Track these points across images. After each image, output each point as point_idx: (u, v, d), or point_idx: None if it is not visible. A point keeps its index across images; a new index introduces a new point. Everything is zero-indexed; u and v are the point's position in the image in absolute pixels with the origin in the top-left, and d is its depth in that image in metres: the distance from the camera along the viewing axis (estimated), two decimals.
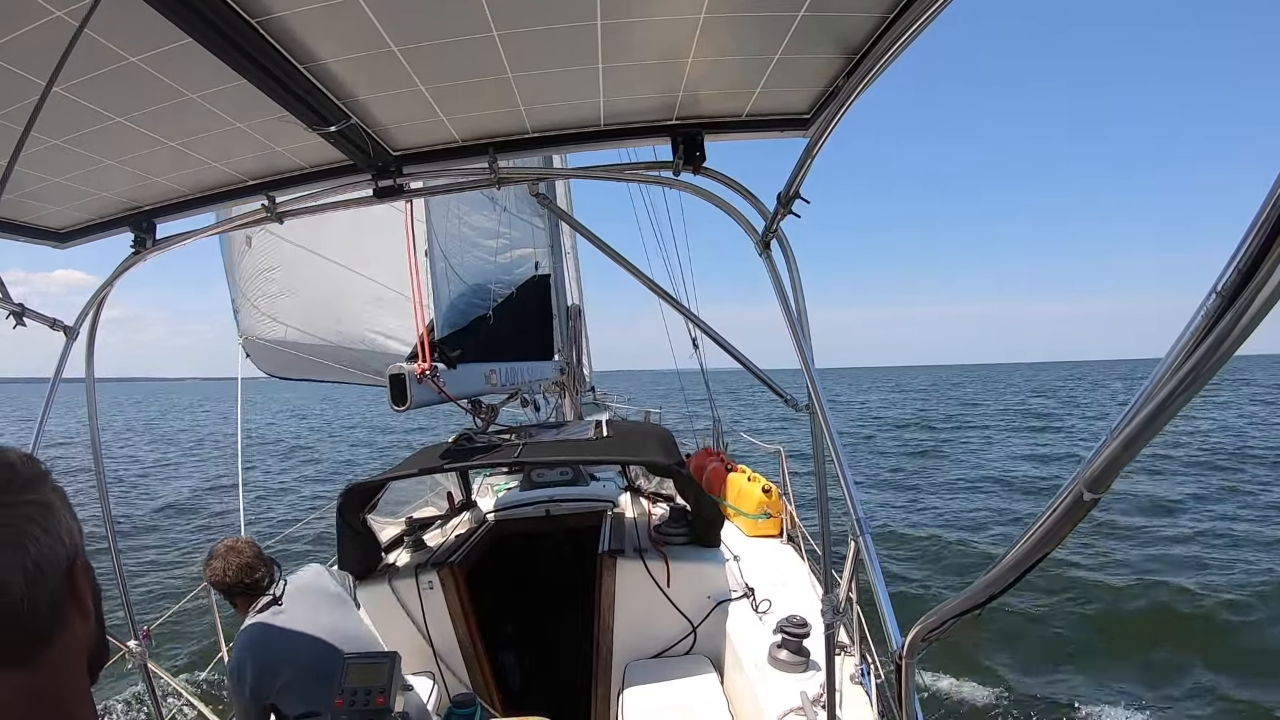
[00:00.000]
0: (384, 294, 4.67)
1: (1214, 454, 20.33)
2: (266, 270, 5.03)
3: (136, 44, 1.32)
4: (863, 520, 1.73)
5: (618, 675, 3.44)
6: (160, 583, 8.61)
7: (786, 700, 2.71)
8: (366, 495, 3.53)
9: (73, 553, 0.64)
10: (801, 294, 2.07)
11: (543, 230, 6.81)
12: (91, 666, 0.69)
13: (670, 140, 1.98)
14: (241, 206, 2.31)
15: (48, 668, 0.60)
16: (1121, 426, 0.77)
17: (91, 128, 1.67)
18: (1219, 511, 13.45)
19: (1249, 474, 17.34)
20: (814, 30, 1.45)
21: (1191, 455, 20.04)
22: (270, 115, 1.66)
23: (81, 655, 0.66)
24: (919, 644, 1.29)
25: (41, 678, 0.60)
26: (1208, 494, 14.96)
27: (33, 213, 2.21)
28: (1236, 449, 21.40)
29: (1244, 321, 0.63)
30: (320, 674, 2.46)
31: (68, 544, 0.64)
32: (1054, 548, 0.92)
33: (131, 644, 2.83)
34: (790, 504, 4.74)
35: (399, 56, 1.47)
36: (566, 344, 6.97)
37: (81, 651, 0.66)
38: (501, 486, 6.01)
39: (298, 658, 2.48)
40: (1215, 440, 23.26)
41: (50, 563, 0.61)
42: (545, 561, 5.09)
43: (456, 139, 1.98)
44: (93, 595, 0.68)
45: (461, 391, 3.91)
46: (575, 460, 4.65)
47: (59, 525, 0.63)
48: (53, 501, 0.63)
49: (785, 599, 3.46)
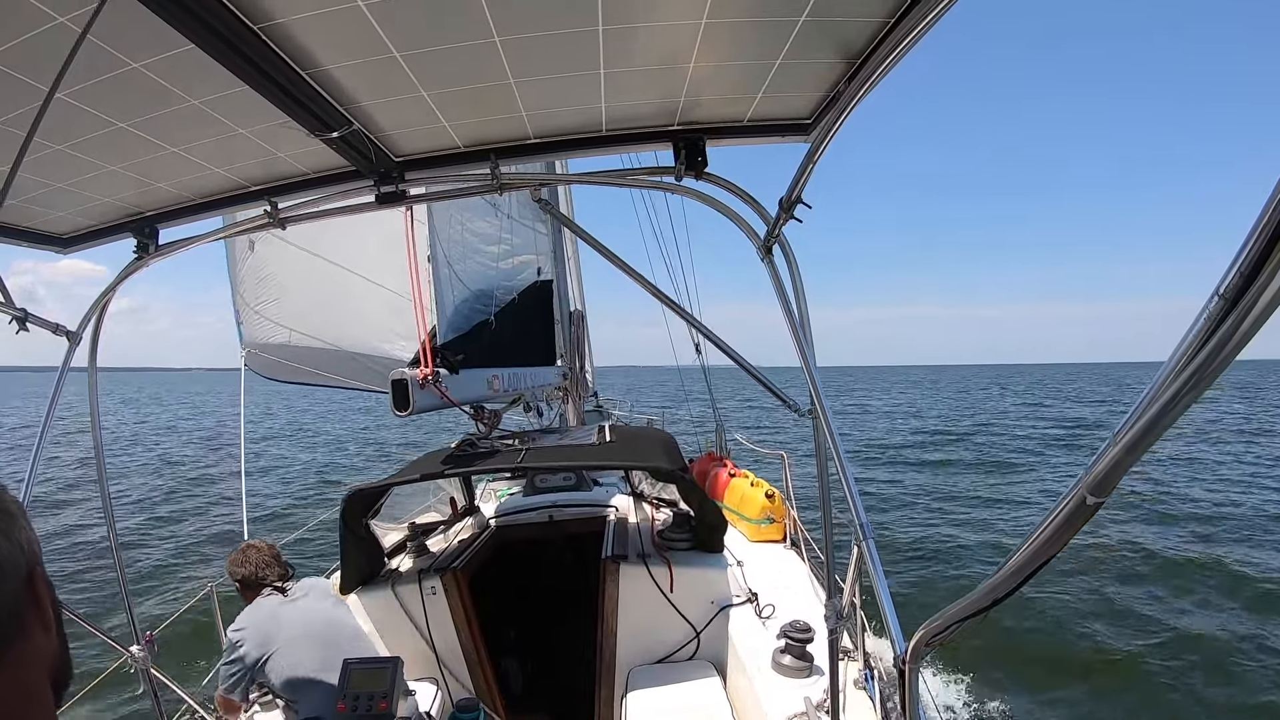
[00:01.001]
0: (392, 300, 4.67)
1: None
2: (269, 275, 5.04)
3: (139, 50, 1.33)
4: (866, 525, 1.72)
5: (621, 680, 3.43)
6: (169, 587, 8.61)
7: (790, 705, 2.71)
8: (369, 501, 3.53)
9: (33, 560, 0.62)
10: (804, 298, 2.07)
11: (545, 236, 6.81)
12: (56, 685, 0.65)
13: (672, 145, 1.98)
14: (244, 212, 2.31)
15: (6, 674, 0.57)
16: (1124, 430, 0.76)
17: (94, 133, 1.67)
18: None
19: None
20: (815, 36, 1.45)
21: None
22: (272, 121, 1.67)
23: (43, 669, 0.63)
24: (923, 649, 1.29)
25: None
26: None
27: (35, 218, 2.22)
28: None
29: (1246, 324, 0.63)
30: (313, 641, 2.73)
31: (27, 552, 0.61)
32: (1057, 552, 0.92)
33: (134, 649, 2.83)
34: (793, 509, 4.73)
35: (401, 62, 1.47)
36: (569, 349, 6.96)
37: (43, 665, 0.63)
38: (504, 492, 6.00)
39: (293, 629, 2.75)
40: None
41: (11, 565, 0.58)
42: (548, 567, 5.08)
43: (458, 145, 1.99)
44: (54, 608, 0.65)
45: (464, 397, 3.90)
46: (578, 465, 4.65)
47: (19, 533, 0.61)
48: (12, 509, 0.61)
49: (789, 604, 3.45)
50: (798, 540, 4.48)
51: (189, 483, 16.49)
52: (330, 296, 5.00)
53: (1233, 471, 18.67)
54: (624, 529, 4.11)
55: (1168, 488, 16.20)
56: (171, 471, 17.75)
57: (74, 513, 10.96)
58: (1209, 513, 13.85)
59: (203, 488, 15.40)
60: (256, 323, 5.21)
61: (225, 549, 8.87)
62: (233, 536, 10.55)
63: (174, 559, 9.79)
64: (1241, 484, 16.95)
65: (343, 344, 5.12)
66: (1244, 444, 24.26)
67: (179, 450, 21.37)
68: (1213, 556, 10.89)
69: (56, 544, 9.41)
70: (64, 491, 12.11)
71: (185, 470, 17.47)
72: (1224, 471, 18.68)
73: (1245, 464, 19.94)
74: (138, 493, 14.30)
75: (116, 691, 5.69)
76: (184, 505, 13.79)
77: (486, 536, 4.28)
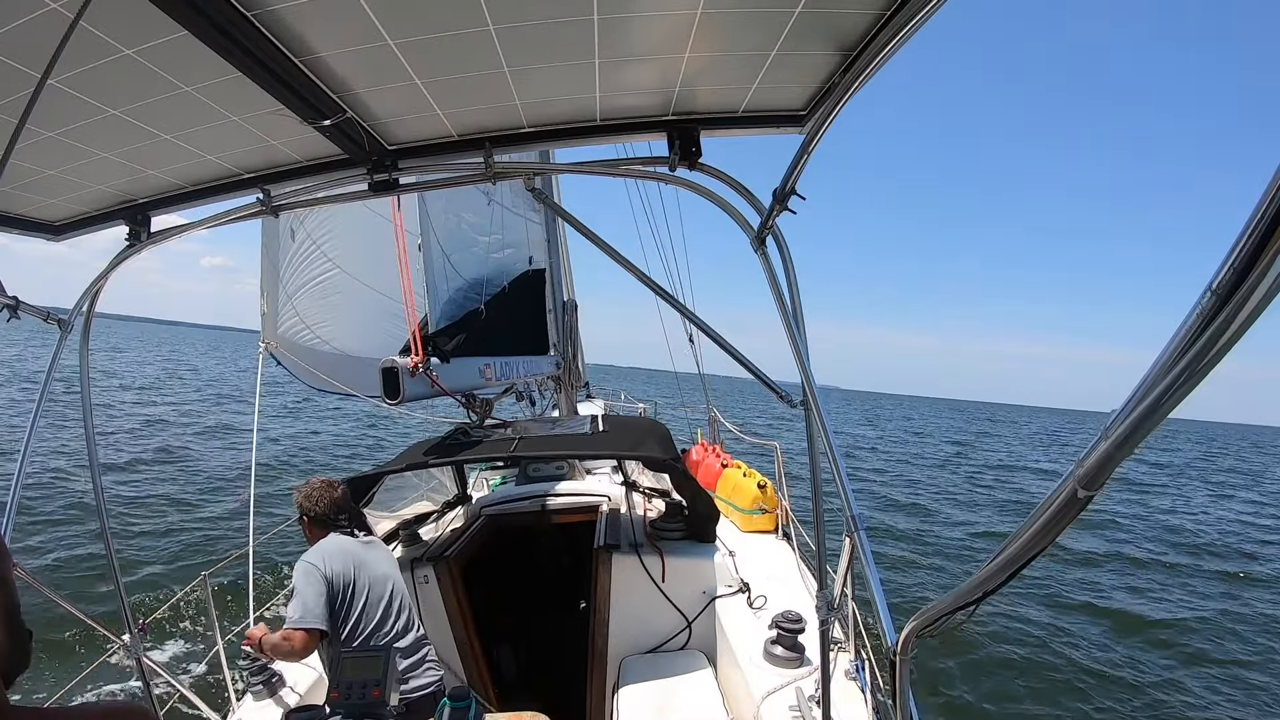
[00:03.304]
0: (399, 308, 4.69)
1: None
2: (312, 281, 5.05)
3: (131, 37, 1.31)
4: (857, 516, 1.73)
5: (613, 669, 3.44)
6: (162, 572, 8.58)
7: (781, 696, 2.72)
8: (362, 489, 3.52)
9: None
10: (797, 290, 2.07)
11: (538, 225, 6.80)
12: (5, 675, 0.72)
13: (666, 135, 1.98)
14: (237, 199, 2.30)
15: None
16: (1115, 424, 0.77)
17: (86, 120, 1.66)
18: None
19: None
20: (810, 27, 1.45)
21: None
22: (265, 109, 1.66)
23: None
24: (913, 640, 1.29)
25: None
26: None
27: (27, 205, 2.20)
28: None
29: (1239, 320, 0.63)
30: (380, 595, 2.72)
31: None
32: (1047, 545, 0.92)
33: (125, 638, 2.82)
34: (785, 499, 4.76)
35: (395, 50, 1.47)
36: (562, 339, 6.95)
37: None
38: (497, 481, 6.00)
39: (368, 572, 2.73)
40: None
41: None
42: (541, 556, 5.09)
43: (452, 133, 1.98)
44: (5, 608, 0.72)
45: (456, 385, 3.90)
46: (571, 455, 4.65)
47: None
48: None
49: (780, 594, 3.47)
50: (790, 531, 4.50)
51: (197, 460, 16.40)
52: (368, 307, 5.04)
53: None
54: (616, 519, 4.12)
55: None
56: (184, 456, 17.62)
57: (71, 497, 10.91)
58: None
59: (208, 469, 15.30)
60: (292, 322, 5.18)
61: (225, 547, 8.84)
62: (237, 533, 10.49)
63: (172, 546, 9.76)
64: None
65: (364, 354, 5.11)
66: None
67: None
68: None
69: (50, 532, 9.37)
70: (65, 477, 12.05)
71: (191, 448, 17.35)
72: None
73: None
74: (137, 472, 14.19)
75: (106, 675, 5.68)
76: (190, 484, 13.67)
77: (479, 526, 4.28)
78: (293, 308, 5.12)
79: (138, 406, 24.26)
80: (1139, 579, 11.12)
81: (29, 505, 10.07)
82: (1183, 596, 10.36)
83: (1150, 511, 18.27)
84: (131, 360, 53.00)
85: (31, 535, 9.17)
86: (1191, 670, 7.63)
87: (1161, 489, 24.20)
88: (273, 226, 4.92)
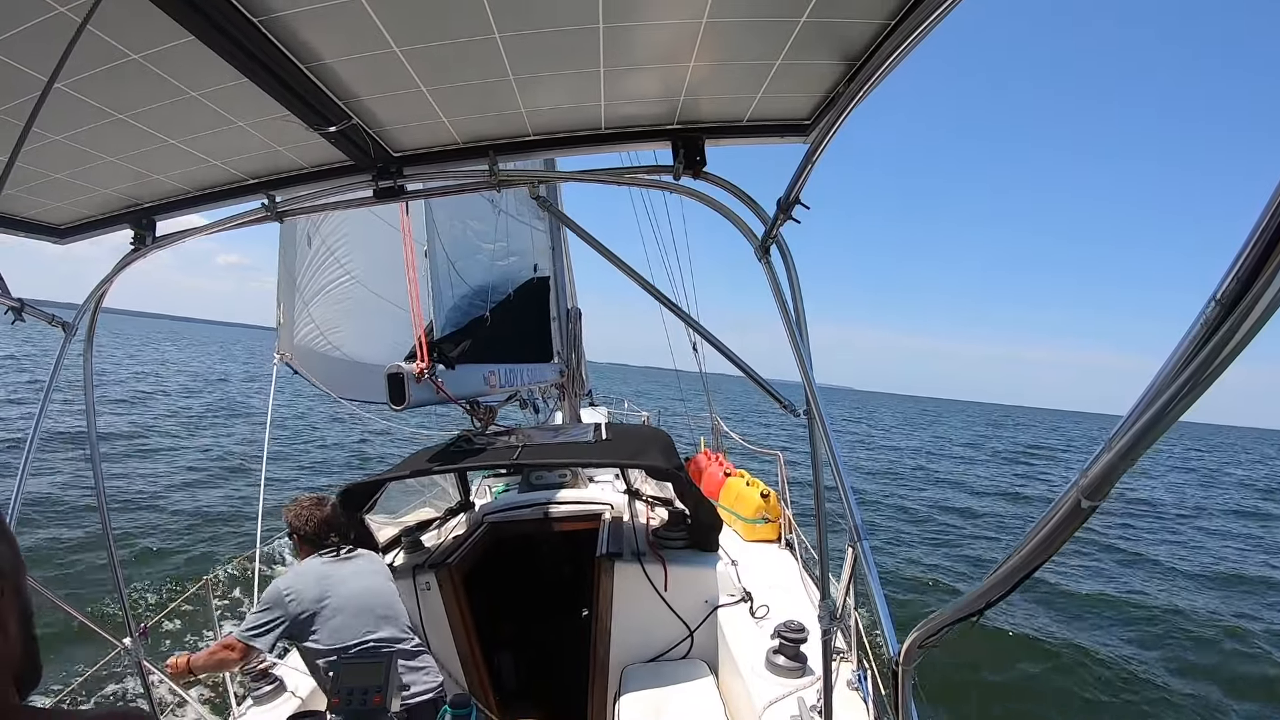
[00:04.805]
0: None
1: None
2: (326, 287, 5.07)
3: (139, 41, 1.32)
4: (860, 526, 1.72)
5: (614, 678, 3.43)
6: (164, 577, 8.59)
7: (783, 705, 2.71)
8: (364, 495, 3.52)
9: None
10: (800, 300, 2.07)
11: (542, 233, 6.81)
12: (19, 684, 0.71)
13: (671, 144, 1.98)
14: (241, 205, 2.31)
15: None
16: (1119, 434, 0.76)
17: (93, 124, 1.67)
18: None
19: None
20: (815, 37, 1.45)
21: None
22: (271, 114, 1.66)
23: (4, 671, 0.68)
24: (916, 651, 1.28)
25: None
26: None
27: (33, 208, 2.21)
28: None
29: (1243, 329, 0.63)
30: (354, 611, 2.74)
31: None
32: (1051, 555, 0.91)
33: (126, 641, 2.82)
34: (788, 509, 4.74)
35: (401, 57, 1.47)
36: (566, 346, 6.95)
37: (2, 668, 0.68)
38: (500, 488, 6.00)
39: (338, 594, 2.74)
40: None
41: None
42: (543, 564, 5.08)
43: (457, 141, 1.99)
44: (19, 618, 0.71)
45: (461, 392, 3.90)
46: (574, 463, 4.64)
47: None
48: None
49: (783, 604, 3.45)
50: (793, 540, 4.49)
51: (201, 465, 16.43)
52: (363, 313, 5.07)
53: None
54: (619, 527, 4.11)
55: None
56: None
57: (74, 499, 10.95)
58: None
59: (213, 475, 15.30)
60: (307, 330, 5.19)
61: (228, 543, 8.84)
62: (241, 537, 10.50)
63: (176, 551, 9.76)
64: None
65: (373, 360, 5.13)
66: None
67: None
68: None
69: (49, 533, 9.40)
70: (68, 479, 12.08)
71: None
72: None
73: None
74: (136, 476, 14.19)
75: (109, 683, 5.68)
76: (196, 492, 13.68)
77: (481, 533, 4.28)
78: (309, 314, 5.14)
79: (150, 403, 24.35)
80: (1144, 579, 10.97)
81: (29, 505, 10.09)
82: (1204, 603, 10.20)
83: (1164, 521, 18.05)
84: (150, 359, 53.00)
85: (31, 535, 9.19)
86: (1218, 685, 7.50)
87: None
88: (290, 233, 4.96)
